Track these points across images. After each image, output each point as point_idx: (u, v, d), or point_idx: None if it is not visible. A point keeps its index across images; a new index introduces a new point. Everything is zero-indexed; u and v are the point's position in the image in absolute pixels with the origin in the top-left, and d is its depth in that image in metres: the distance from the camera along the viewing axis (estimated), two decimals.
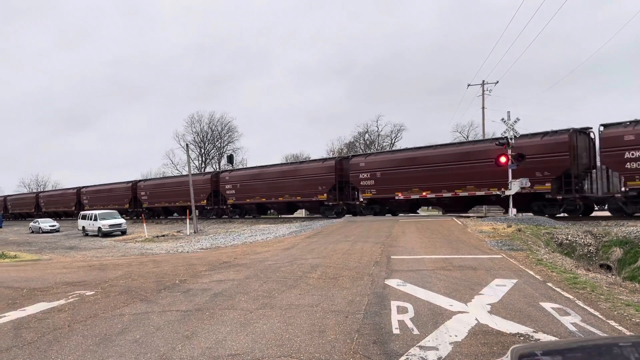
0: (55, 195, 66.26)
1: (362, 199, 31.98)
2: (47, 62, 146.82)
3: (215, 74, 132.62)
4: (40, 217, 57.96)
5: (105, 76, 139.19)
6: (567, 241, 16.95)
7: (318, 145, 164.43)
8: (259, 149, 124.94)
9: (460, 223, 21.36)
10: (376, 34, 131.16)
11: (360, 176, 31.85)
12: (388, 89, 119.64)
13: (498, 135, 27.55)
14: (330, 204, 34.00)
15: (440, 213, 34.01)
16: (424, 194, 28.85)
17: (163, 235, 30.38)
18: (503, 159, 22.17)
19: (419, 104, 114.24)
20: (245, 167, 51.57)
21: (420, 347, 5.03)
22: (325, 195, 33.90)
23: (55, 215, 62.66)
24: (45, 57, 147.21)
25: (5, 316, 7.22)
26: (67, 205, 60.63)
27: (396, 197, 30.08)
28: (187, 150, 38.94)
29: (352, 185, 33.15)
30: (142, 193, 50.75)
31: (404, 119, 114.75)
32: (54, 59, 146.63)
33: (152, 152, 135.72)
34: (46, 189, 70.77)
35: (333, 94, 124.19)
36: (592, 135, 24.69)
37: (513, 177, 22.38)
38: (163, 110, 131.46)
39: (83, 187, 60.62)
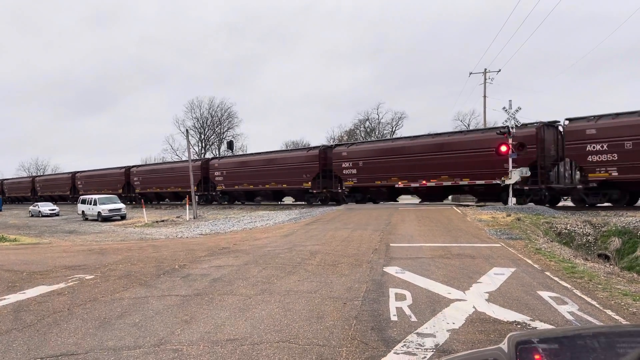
0: (96, 176, 57.08)
1: (592, 179, 22.12)
2: (74, 42, 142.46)
3: (240, 56, 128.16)
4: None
5: (129, 57, 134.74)
6: (566, 231, 17.00)
7: (320, 132, 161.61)
8: (262, 136, 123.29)
9: (459, 212, 21.39)
10: (415, 15, 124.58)
11: (589, 147, 21.81)
12: (414, 74, 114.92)
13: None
14: (526, 187, 24.37)
15: None
16: None
17: (162, 221, 30.45)
18: (503, 148, 22.03)
19: (444, 90, 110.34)
20: (374, 139, 39.45)
21: (418, 334, 5.05)
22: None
23: None
24: (74, 36, 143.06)
25: (5, 299, 7.26)
26: (113, 187, 52.12)
27: None
28: (187, 136, 38.79)
29: (575, 163, 23.98)
30: (216, 173, 42.05)
31: (423, 106, 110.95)
32: (82, 38, 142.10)
33: (156, 137, 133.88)
34: (83, 170, 60.71)
35: (358, 78, 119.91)
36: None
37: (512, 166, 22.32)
38: (181, 94, 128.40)
39: (133, 166, 53.66)
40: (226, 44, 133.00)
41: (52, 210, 43.39)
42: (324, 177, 34.19)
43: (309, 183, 34.24)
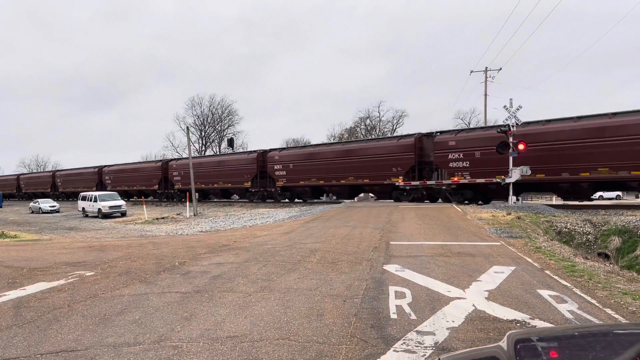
0: (127, 171, 51.53)
1: None
2: (87, 37, 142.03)
3: (254, 52, 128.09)
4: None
5: (141, 53, 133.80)
6: (566, 229, 16.99)
7: (323, 130, 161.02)
8: (266, 133, 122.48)
9: (460, 210, 21.38)
10: (434, 12, 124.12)
11: None
12: (424, 73, 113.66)
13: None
14: None
15: None
16: None
17: (163, 218, 30.47)
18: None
19: (450, 88, 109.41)
20: (489, 125, 30.95)
21: (417, 332, 5.06)
22: None
23: (126, 195, 49.53)
24: (87, 32, 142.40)
25: (5, 295, 7.27)
26: (147, 183, 48.48)
27: None
28: (188, 133, 38.73)
29: None
30: (277, 167, 36.68)
31: (426, 104, 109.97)
32: (95, 34, 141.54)
33: (160, 134, 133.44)
34: (111, 164, 55.19)
35: (368, 76, 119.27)
36: None
37: (515, 165, 22.25)
38: (191, 91, 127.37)
39: (172, 159, 49.54)
40: (241, 40, 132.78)
41: (53, 206, 43.45)
42: (420, 170, 28.27)
43: (399, 178, 28.33)
